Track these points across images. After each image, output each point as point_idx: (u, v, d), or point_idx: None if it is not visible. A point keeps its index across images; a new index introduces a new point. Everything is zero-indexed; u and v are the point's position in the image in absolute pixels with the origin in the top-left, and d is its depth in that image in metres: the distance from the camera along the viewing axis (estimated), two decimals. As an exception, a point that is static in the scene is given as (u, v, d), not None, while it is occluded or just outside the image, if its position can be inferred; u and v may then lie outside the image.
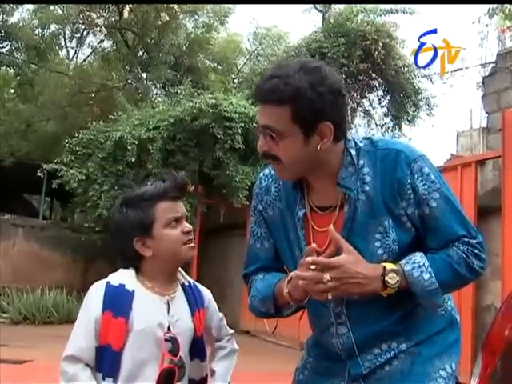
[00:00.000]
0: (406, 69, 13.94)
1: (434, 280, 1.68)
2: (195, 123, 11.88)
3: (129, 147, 12.16)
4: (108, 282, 1.98)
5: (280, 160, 1.73)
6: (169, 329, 1.97)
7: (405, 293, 1.71)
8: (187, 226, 2.03)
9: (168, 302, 2.01)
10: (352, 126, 15.62)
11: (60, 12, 18.99)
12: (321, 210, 1.82)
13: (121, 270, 2.05)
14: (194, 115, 12.01)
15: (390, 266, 1.69)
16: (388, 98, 14.93)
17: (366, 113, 15.80)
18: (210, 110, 11.61)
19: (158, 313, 1.98)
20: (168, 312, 2.00)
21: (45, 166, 12.86)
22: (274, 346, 10.12)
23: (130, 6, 15.37)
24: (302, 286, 1.70)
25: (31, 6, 19.02)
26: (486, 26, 9.93)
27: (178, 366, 1.97)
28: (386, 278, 1.67)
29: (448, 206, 1.74)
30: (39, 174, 12.97)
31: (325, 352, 1.90)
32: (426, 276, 1.68)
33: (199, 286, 2.18)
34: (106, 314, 1.92)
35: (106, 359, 1.91)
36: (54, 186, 13.01)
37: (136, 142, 12.15)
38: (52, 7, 19.12)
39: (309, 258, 1.67)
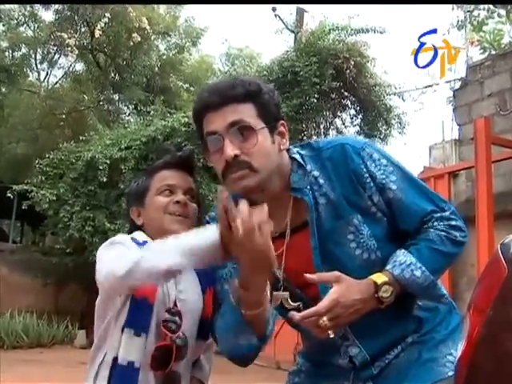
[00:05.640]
0: (377, 87, 14.03)
1: (428, 273, 1.62)
2: (168, 142, 11.79)
3: (100, 167, 12.04)
4: (133, 237, 1.85)
5: (251, 165, 1.59)
6: (175, 303, 1.81)
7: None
8: (180, 197, 1.91)
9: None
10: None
11: (31, 33, 18.86)
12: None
13: (136, 232, 1.91)
14: (166, 134, 11.95)
15: (380, 279, 1.59)
16: (360, 116, 14.96)
17: (339, 132, 15.81)
18: (183, 129, 11.56)
19: (169, 283, 1.80)
20: (176, 285, 1.84)
21: (14, 187, 12.67)
22: (250, 365, 9.94)
23: (102, 26, 15.27)
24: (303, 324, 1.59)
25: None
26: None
27: (176, 344, 1.78)
28: (380, 294, 1.58)
29: (408, 184, 1.70)
30: (9, 194, 12.74)
31: (325, 361, 1.80)
32: (418, 273, 1.61)
33: None
34: None
35: (141, 313, 1.75)
36: (24, 208, 12.83)
37: (108, 162, 12.05)
38: (22, 28, 18.97)
39: (297, 317, 1.55)
